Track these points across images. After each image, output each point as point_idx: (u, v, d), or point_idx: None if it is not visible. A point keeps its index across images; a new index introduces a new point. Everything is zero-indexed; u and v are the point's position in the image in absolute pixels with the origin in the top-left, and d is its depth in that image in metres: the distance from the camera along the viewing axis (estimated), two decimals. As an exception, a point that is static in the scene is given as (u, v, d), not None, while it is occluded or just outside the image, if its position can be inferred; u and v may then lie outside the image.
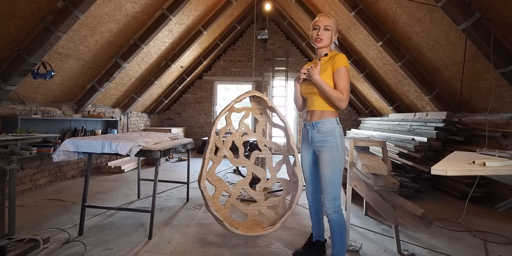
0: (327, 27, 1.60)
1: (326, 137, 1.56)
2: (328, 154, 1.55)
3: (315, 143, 1.62)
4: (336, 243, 1.59)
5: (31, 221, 2.34)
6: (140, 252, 1.87)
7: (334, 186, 1.56)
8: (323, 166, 1.56)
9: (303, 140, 1.74)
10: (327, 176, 1.55)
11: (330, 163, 1.54)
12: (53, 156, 2.04)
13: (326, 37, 1.61)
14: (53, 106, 3.69)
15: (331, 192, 1.56)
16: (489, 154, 1.46)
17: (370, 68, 4.91)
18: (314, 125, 1.62)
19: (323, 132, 1.57)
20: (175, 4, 3.87)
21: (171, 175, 4.34)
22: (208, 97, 7.36)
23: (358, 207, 2.82)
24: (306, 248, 1.85)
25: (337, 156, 1.55)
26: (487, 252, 1.95)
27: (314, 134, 1.61)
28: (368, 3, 3.69)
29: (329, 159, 1.54)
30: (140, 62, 4.61)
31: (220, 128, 2.17)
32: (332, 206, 1.57)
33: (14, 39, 2.63)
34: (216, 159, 2.02)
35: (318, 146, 1.60)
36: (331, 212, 1.57)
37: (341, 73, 1.54)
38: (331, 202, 1.57)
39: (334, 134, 1.56)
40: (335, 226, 1.59)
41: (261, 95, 2.04)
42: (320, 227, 1.84)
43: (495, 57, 2.53)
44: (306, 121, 1.69)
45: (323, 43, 1.62)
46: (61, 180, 3.75)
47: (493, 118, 3.20)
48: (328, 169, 1.55)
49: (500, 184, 3.08)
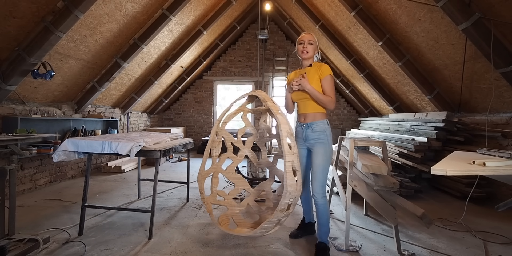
0: (311, 41, 1.92)
1: (320, 135, 1.87)
2: (322, 148, 1.86)
3: (309, 140, 1.91)
4: (322, 223, 1.88)
5: (31, 221, 2.34)
6: (140, 252, 1.87)
7: (324, 174, 1.87)
8: (317, 158, 1.86)
9: (297, 137, 2.00)
10: (320, 165, 1.85)
11: (323, 155, 1.85)
12: (53, 156, 2.04)
13: (311, 50, 1.92)
14: (53, 106, 3.69)
15: (321, 179, 1.86)
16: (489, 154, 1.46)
17: (370, 68, 4.91)
18: (309, 125, 1.90)
19: (317, 131, 1.88)
20: (175, 4, 3.87)
21: (171, 175, 4.34)
22: (208, 97, 7.36)
23: (358, 207, 2.82)
24: (300, 229, 2.18)
25: (328, 149, 1.87)
26: (487, 252, 1.95)
27: (309, 133, 1.90)
28: (368, 3, 3.69)
29: (322, 152, 1.85)
30: (140, 62, 4.61)
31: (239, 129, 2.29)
32: (321, 191, 1.86)
33: (14, 39, 2.63)
34: (237, 159, 2.21)
35: (312, 142, 1.90)
36: (320, 197, 1.85)
37: (328, 80, 1.86)
38: (321, 188, 1.86)
39: (326, 133, 1.88)
40: (322, 209, 1.87)
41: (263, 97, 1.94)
42: (311, 212, 2.17)
43: (495, 57, 2.53)
44: (301, 122, 1.97)
45: (308, 55, 1.93)
46: (61, 180, 3.75)
47: (493, 118, 3.20)
48: (321, 160, 1.85)
49: (500, 184, 3.08)
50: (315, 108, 1.90)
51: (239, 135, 2.26)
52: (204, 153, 2.12)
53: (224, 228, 1.95)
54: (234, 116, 2.21)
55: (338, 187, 2.54)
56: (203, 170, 2.12)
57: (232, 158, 2.20)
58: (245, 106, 2.21)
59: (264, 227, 1.71)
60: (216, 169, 2.16)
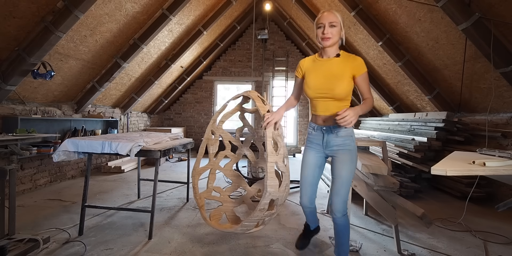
0: (333, 23, 1.47)
1: (345, 141, 1.55)
2: (347, 156, 1.54)
3: (330, 147, 1.57)
4: (342, 243, 1.60)
5: (31, 221, 2.34)
6: (140, 252, 1.87)
7: (347, 188, 1.54)
8: (342, 168, 1.54)
9: (312, 143, 1.65)
10: (344, 177, 1.53)
11: (349, 165, 1.53)
12: (53, 156, 2.04)
13: (334, 34, 1.49)
14: (53, 106, 3.69)
15: (344, 194, 1.53)
16: (489, 154, 1.46)
17: (370, 68, 4.91)
18: (331, 129, 1.56)
19: (343, 136, 1.55)
20: (175, 4, 3.87)
21: (171, 175, 4.34)
22: (208, 97, 7.36)
23: (358, 207, 2.82)
24: (306, 237, 1.92)
25: (354, 158, 1.56)
26: (487, 252, 1.95)
27: (331, 138, 1.56)
28: (368, 3, 3.69)
29: (348, 161, 1.53)
30: (140, 62, 4.60)
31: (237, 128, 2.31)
32: (343, 209, 1.53)
33: (14, 39, 2.63)
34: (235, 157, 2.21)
35: (334, 149, 1.56)
36: (341, 215, 1.54)
37: (366, 78, 1.53)
38: (342, 204, 1.53)
39: (352, 137, 1.57)
40: (344, 229, 1.58)
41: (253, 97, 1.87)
42: (317, 220, 1.87)
43: (495, 57, 2.53)
44: (318, 124, 1.61)
45: (331, 41, 1.50)
46: (61, 180, 3.75)
47: (493, 118, 3.20)
48: (346, 171, 1.53)
49: (500, 184, 3.08)
50: (339, 109, 1.49)
51: (237, 134, 2.27)
52: (199, 150, 2.13)
53: (213, 224, 1.95)
54: (231, 115, 2.21)
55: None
56: (197, 166, 2.12)
57: (230, 156, 2.22)
58: (242, 106, 2.21)
59: (244, 225, 1.67)
60: (213, 166, 2.17)
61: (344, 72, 1.50)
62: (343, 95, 1.51)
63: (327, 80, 1.52)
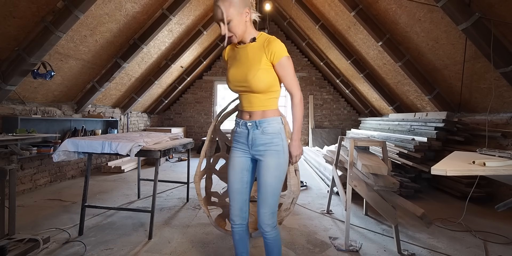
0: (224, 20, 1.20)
1: (273, 139, 1.29)
2: (274, 159, 1.28)
3: (256, 146, 1.31)
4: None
5: (31, 221, 2.34)
6: (140, 252, 1.87)
7: (275, 198, 1.30)
8: (266, 174, 1.28)
9: (238, 142, 1.38)
10: (269, 185, 1.27)
11: (274, 170, 1.28)
12: (53, 156, 2.04)
13: (235, 30, 1.24)
14: (53, 106, 3.69)
15: (271, 205, 1.29)
16: (489, 154, 1.46)
17: (370, 68, 4.91)
18: (257, 124, 1.30)
19: (269, 133, 1.29)
20: (175, 4, 3.88)
21: (171, 175, 4.34)
22: (208, 97, 7.36)
23: (358, 207, 2.82)
24: None
25: (282, 161, 1.30)
26: (487, 252, 1.95)
27: (257, 136, 1.30)
28: (368, 3, 3.69)
29: (274, 165, 1.28)
30: (140, 62, 4.61)
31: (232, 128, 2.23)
32: (271, 221, 1.30)
33: (14, 39, 2.63)
34: None
35: (260, 150, 1.30)
36: (270, 229, 1.30)
37: (285, 65, 1.26)
38: (270, 217, 1.29)
39: (281, 135, 1.31)
40: (274, 243, 1.33)
41: None
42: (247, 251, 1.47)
43: (495, 57, 2.53)
44: (244, 119, 1.35)
45: (238, 37, 1.27)
46: (61, 180, 3.75)
47: (493, 118, 3.20)
48: (272, 177, 1.27)
49: (500, 184, 3.08)
50: (264, 105, 1.30)
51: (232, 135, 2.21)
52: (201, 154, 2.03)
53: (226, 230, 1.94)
54: (229, 115, 2.19)
55: (338, 187, 2.54)
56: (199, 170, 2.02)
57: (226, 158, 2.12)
58: None
59: None
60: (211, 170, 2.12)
61: (260, 59, 1.25)
62: (262, 87, 1.26)
63: (243, 71, 1.28)
